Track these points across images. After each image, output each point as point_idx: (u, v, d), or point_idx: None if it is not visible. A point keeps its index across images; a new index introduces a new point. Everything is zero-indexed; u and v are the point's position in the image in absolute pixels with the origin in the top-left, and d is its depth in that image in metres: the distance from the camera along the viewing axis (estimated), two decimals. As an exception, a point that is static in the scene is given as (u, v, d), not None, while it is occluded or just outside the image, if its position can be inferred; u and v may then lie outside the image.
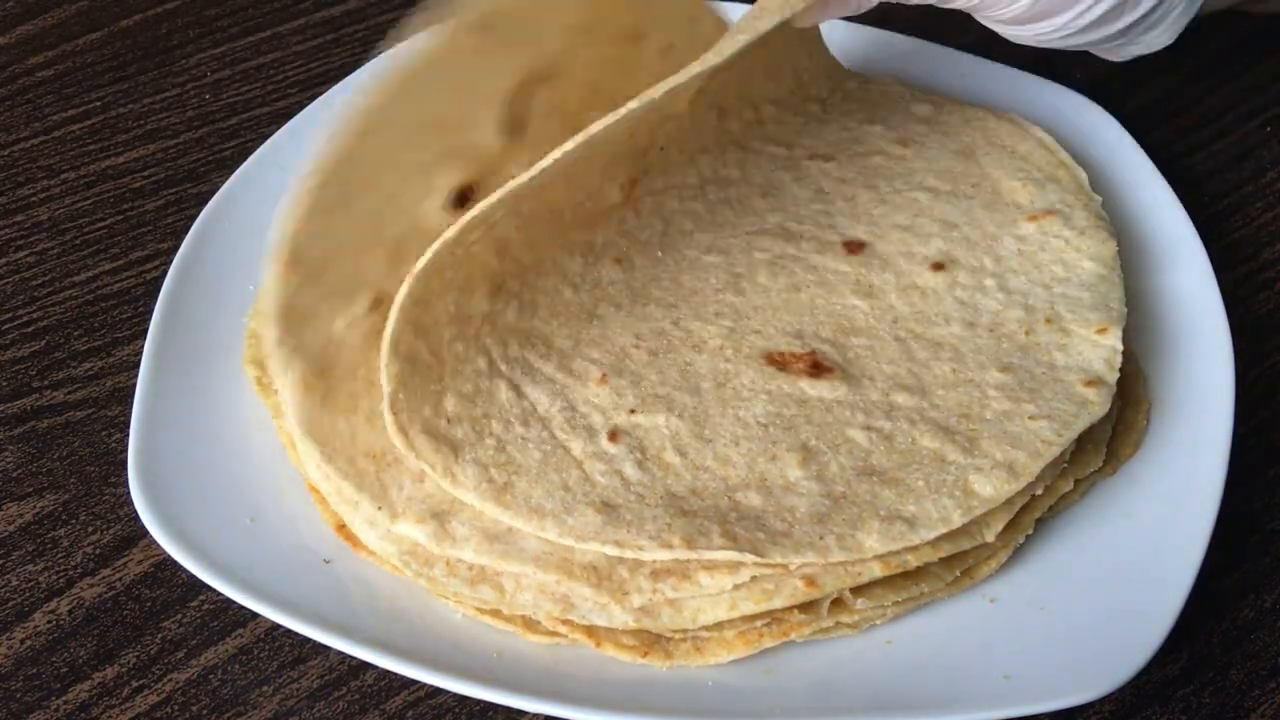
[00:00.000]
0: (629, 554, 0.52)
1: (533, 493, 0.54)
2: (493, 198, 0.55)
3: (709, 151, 0.69)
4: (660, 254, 0.64)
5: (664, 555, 0.52)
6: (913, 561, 0.54)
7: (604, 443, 0.56)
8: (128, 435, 0.59)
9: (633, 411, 0.57)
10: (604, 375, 0.58)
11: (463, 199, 0.58)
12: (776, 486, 0.55)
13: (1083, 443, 0.60)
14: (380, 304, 0.57)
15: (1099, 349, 0.60)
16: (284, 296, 0.55)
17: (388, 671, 0.54)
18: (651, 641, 0.54)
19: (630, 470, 0.55)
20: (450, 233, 0.55)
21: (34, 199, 0.77)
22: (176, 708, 0.55)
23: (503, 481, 0.54)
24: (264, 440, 0.60)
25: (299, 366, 0.55)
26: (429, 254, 0.55)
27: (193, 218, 0.69)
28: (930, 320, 0.62)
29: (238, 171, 0.71)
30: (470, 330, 0.59)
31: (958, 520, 0.53)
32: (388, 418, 0.55)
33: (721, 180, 0.69)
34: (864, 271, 0.64)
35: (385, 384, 0.55)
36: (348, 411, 0.57)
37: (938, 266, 0.64)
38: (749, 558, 0.52)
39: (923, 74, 0.79)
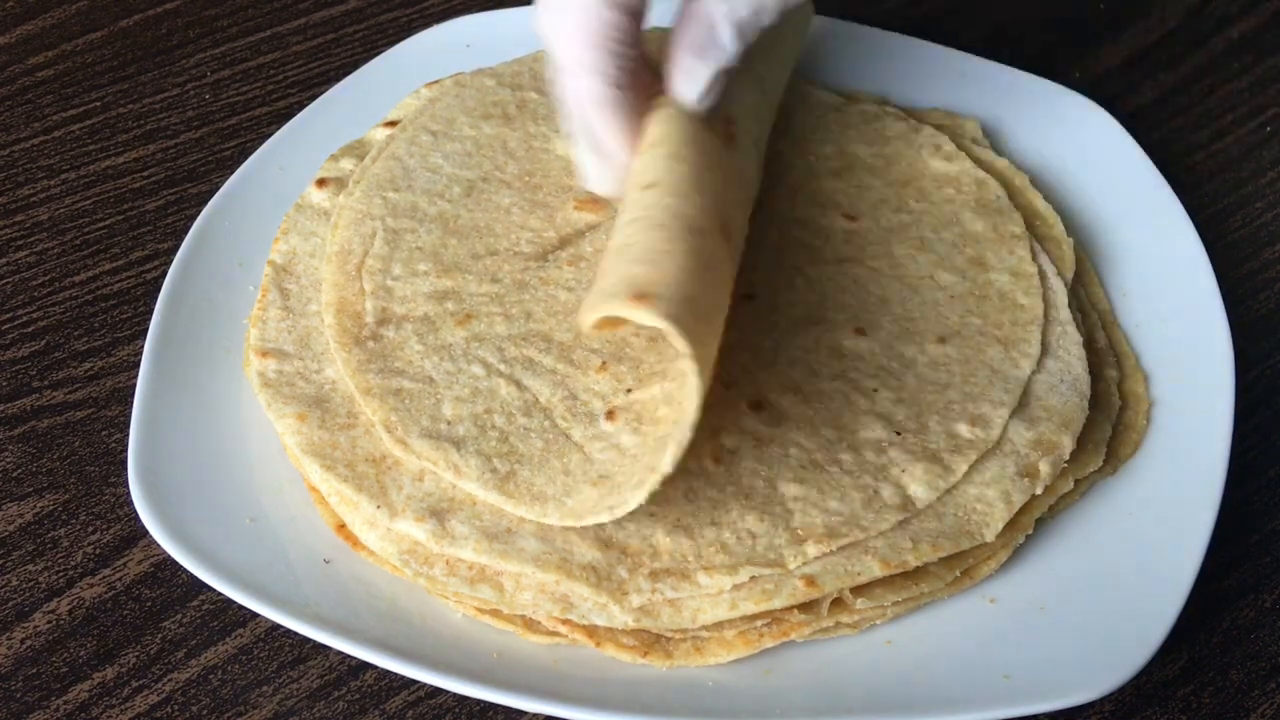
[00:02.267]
0: (619, 513, 0.52)
1: (535, 480, 0.54)
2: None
3: None
4: None
5: (647, 493, 0.50)
6: (912, 561, 0.54)
7: (603, 424, 0.56)
8: (128, 435, 0.59)
9: (630, 390, 0.57)
10: (604, 363, 0.59)
11: None
12: None
13: (1083, 443, 0.60)
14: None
15: None
16: (265, 376, 0.60)
17: (388, 671, 0.55)
18: (651, 641, 0.54)
19: (627, 439, 0.55)
20: (329, 317, 0.61)
21: (34, 199, 0.77)
22: (176, 708, 0.55)
23: (505, 471, 0.55)
24: (264, 440, 0.60)
25: (293, 409, 0.59)
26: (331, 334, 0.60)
27: (193, 218, 0.69)
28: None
29: (238, 171, 0.71)
30: (455, 353, 0.60)
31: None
32: (384, 437, 0.56)
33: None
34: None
35: (374, 419, 0.57)
36: (346, 428, 0.58)
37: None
38: None
39: (922, 74, 0.79)
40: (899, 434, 0.58)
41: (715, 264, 0.54)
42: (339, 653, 0.56)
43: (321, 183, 0.68)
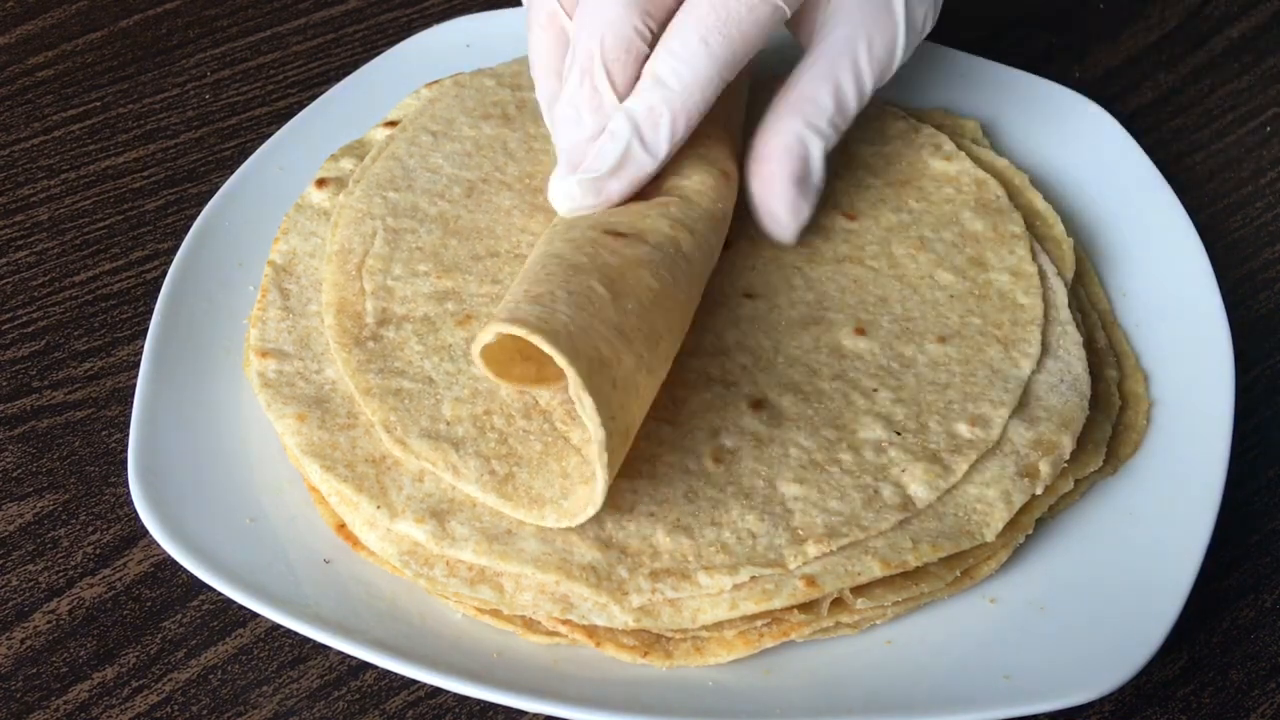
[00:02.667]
0: (597, 500, 0.52)
1: (533, 483, 0.54)
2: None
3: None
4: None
5: (601, 468, 0.51)
6: (913, 561, 0.54)
7: None
8: (128, 435, 0.58)
9: None
10: None
11: None
12: None
13: (1083, 443, 0.60)
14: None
15: None
16: (265, 376, 0.59)
17: (388, 671, 0.55)
18: (651, 641, 0.54)
19: None
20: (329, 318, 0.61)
21: (34, 199, 0.77)
22: (176, 708, 0.55)
23: (504, 473, 0.55)
24: (264, 440, 0.60)
25: (293, 409, 0.58)
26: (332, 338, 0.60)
27: (193, 218, 0.69)
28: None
29: (238, 171, 0.71)
30: (456, 353, 0.59)
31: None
32: (384, 437, 0.56)
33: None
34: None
35: (373, 419, 0.57)
36: (346, 428, 0.58)
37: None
38: None
39: (922, 74, 0.79)
40: (899, 434, 0.58)
41: (580, 260, 0.55)
42: (339, 653, 0.56)
43: (321, 183, 0.68)
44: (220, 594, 0.54)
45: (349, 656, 0.55)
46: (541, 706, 0.51)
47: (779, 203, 0.62)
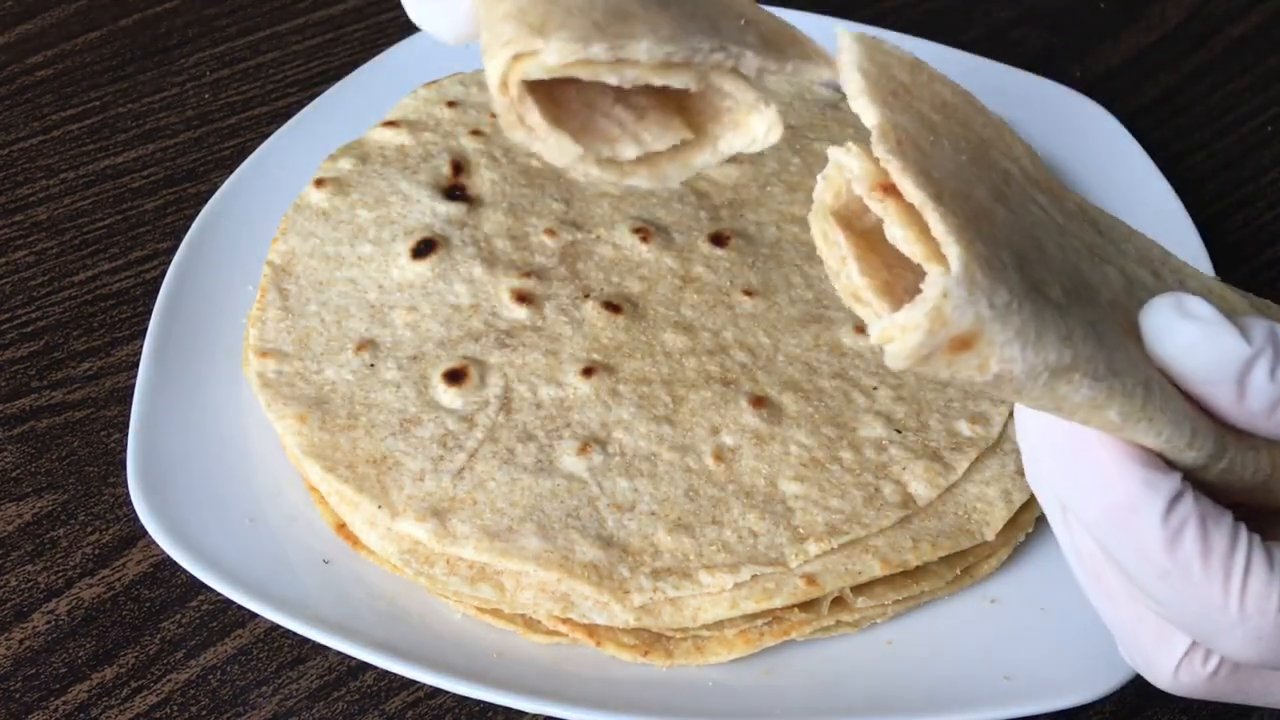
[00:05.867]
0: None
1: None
2: None
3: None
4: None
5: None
6: (913, 560, 0.54)
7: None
8: (127, 435, 0.58)
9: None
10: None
11: (424, 248, 0.64)
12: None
13: (1083, 442, 0.60)
14: (364, 346, 0.60)
15: None
16: (264, 376, 0.59)
17: (387, 672, 0.54)
18: (652, 641, 0.53)
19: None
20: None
21: (33, 199, 0.77)
22: (176, 708, 0.55)
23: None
24: (264, 440, 0.60)
25: (293, 410, 0.58)
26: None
27: (192, 218, 0.69)
28: None
29: (237, 171, 0.71)
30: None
31: None
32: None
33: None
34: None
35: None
36: (347, 429, 0.58)
37: None
38: None
39: (922, 74, 0.79)
40: (899, 432, 0.58)
41: None
42: (338, 653, 0.56)
43: (320, 183, 0.68)
44: (219, 594, 0.54)
45: (349, 657, 0.55)
46: (541, 707, 0.51)
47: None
